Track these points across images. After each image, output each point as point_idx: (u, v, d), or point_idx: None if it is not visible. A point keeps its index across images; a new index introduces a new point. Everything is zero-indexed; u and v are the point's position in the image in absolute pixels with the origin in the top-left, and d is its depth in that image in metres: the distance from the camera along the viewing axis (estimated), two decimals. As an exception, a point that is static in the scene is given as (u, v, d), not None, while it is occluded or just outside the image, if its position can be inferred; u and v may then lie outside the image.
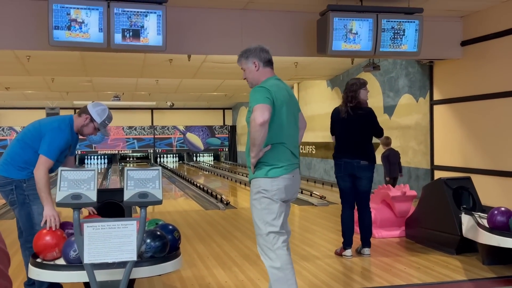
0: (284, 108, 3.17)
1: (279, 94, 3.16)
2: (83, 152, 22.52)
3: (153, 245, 3.20)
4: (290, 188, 3.19)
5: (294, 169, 3.23)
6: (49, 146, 3.48)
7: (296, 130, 3.30)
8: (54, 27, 5.28)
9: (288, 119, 3.19)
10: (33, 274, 3.16)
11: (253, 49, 3.28)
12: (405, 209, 5.97)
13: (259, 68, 3.26)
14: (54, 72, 11.79)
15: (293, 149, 3.23)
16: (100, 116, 3.72)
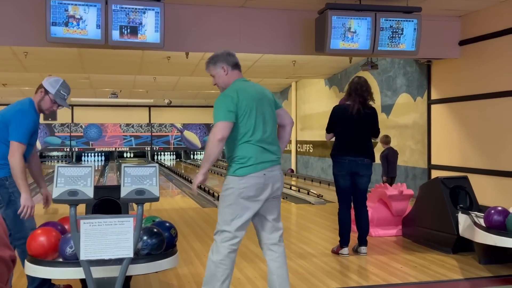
0: (254, 107, 3.21)
1: (246, 94, 3.21)
2: (80, 149, 22.48)
3: (150, 242, 3.20)
4: (262, 186, 3.17)
5: (268, 166, 3.20)
6: (18, 130, 3.36)
7: (270, 127, 3.28)
8: (52, 23, 5.26)
9: (258, 118, 3.21)
10: (29, 270, 3.16)
11: (220, 54, 3.35)
12: (402, 208, 5.98)
13: (228, 72, 3.32)
14: (52, 69, 11.75)
15: (267, 146, 3.22)
16: (53, 86, 3.53)
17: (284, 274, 3.32)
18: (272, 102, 3.36)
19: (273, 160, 3.24)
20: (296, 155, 16.28)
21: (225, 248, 3.19)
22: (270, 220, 3.31)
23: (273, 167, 3.23)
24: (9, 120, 3.40)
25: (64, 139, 22.24)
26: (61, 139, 22.20)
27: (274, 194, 3.27)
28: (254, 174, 3.15)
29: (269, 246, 3.33)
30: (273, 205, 3.30)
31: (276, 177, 3.25)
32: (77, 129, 22.34)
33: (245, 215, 3.18)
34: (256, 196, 3.17)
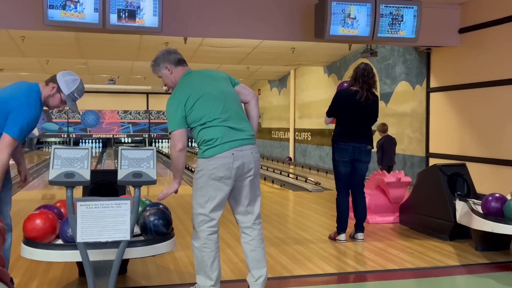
0: (203, 93, 3.20)
1: (191, 86, 3.23)
2: (77, 136, 22.45)
3: (156, 222, 3.25)
4: (231, 166, 3.14)
5: (237, 145, 3.16)
6: (16, 125, 3.05)
7: (232, 105, 3.24)
8: (49, 6, 5.21)
9: (212, 100, 3.18)
10: (25, 253, 3.15)
11: (161, 55, 3.36)
12: (400, 195, 5.98)
13: (172, 70, 3.34)
14: (49, 54, 11.69)
15: (233, 125, 3.18)
16: (69, 87, 3.25)
17: (257, 256, 3.32)
18: (228, 82, 3.35)
19: (242, 138, 3.20)
20: (294, 143, 16.27)
21: (203, 232, 3.20)
22: (244, 204, 3.31)
23: (242, 146, 3.18)
24: (9, 110, 3.08)
25: (62, 125, 22.20)
26: (58, 125, 22.16)
27: (247, 175, 3.23)
28: (222, 154, 3.12)
29: (243, 229, 3.35)
30: (246, 187, 3.27)
31: (247, 157, 3.20)
32: (74, 116, 22.28)
33: (218, 196, 3.18)
34: (227, 176, 3.15)
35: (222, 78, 3.36)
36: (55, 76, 3.30)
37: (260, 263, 3.33)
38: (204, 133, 3.17)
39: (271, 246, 4.86)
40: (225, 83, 3.34)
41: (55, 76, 3.30)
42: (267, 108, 19.10)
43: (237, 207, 3.34)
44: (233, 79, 3.42)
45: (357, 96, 4.92)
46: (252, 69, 14.97)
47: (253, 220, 3.33)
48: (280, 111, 17.69)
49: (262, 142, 19.50)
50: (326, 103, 5.21)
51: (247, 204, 3.31)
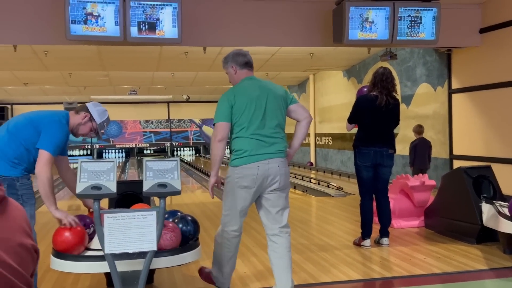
0: (252, 103, 3.38)
1: (244, 92, 3.42)
2: (101, 146, 22.74)
3: (186, 229, 3.30)
4: (256, 177, 3.32)
5: (264, 159, 3.34)
6: (51, 140, 3.19)
7: (273, 122, 3.42)
8: (71, 21, 5.32)
9: (256, 113, 3.37)
10: (55, 265, 3.21)
11: (231, 55, 3.61)
12: (424, 199, 5.92)
13: (236, 71, 3.58)
14: (72, 67, 11.89)
15: (264, 139, 3.37)
16: (101, 117, 3.48)
17: (283, 265, 3.41)
18: (281, 98, 3.50)
19: (270, 153, 3.37)
20: (315, 148, 16.22)
21: (227, 233, 3.47)
22: (272, 213, 3.44)
23: (269, 159, 3.35)
24: (42, 127, 3.22)
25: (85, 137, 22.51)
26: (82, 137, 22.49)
27: (274, 187, 3.39)
28: (248, 165, 3.33)
29: (270, 236, 3.46)
30: (273, 198, 3.42)
31: (273, 170, 3.36)
32: (97, 126, 22.57)
33: (240, 204, 3.40)
34: (250, 186, 3.35)
35: (278, 95, 3.50)
36: (85, 106, 3.50)
37: (285, 272, 3.40)
38: (236, 142, 3.39)
39: (296, 253, 4.86)
40: (278, 100, 3.48)
41: (85, 106, 3.50)
42: (287, 114, 19.08)
43: (264, 215, 3.49)
44: (290, 97, 3.58)
45: (377, 101, 4.90)
46: (271, 75, 14.99)
47: (279, 228, 3.45)
48: (300, 116, 17.64)
49: (283, 147, 19.48)
50: (346, 107, 5.22)
51: (275, 213, 3.45)
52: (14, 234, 1.04)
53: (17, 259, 1.01)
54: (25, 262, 1.03)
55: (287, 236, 3.45)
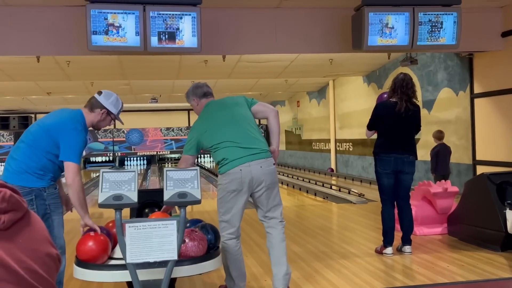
0: (217, 120, 3.72)
1: (207, 115, 3.78)
2: (122, 154, 22.98)
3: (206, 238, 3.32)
4: (241, 180, 3.57)
5: (244, 162, 3.58)
6: (72, 151, 3.27)
7: (244, 127, 3.70)
8: (92, 32, 5.40)
9: (225, 126, 3.68)
10: (77, 274, 3.25)
11: (190, 90, 3.93)
12: (447, 206, 5.84)
13: (198, 102, 3.89)
14: (93, 76, 12.07)
15: (242, 145, 3.62)
16: (116, 107, 3.54)
17: (278, 253, 3.74)
18: (243, 105, 3.81)
19: (249, 154, 3.60)
20: (336, 154, 16.14)
21: (223, 237, 3.64)
22: (264, 211, 3.74)
23: (250, 162, 3.59)
24: (59, 137, 3.27)
25: (107, 145, 22.79)
26: (104, 145, 22.76)
27: (260, 187, 3.63)
28: (231, 171, 3.59)
29: (267, 228, 3.80)
30: (263, 197, 3.69)
31: (256, 171, 3.59)
32: (119, 134, 22.85)
33: (234, 207, 3.64)
34: (239, 189, 3.59)
35: (236, 104, 3.82)
36: (97, 101, 3.49)
37: (280, 260, 3.73)
38: (218, 154, 3.68)
39: (316, 261, 4.83)
40: (238, 108, 3.79)
41: (97, 101, 3.49)
42: (307, 120, 19.05)
43: (259, 212, 3.80)
44: (250, 101, 3.86)
45: (397, 108, 4.86)
46: (290, 81, 15.00)
47: (275, 221, 3.76)
48: (320, 122, 17.61)
49: (303, 154, 19.44)
50: (366, 113, 5.18)
51: (267, 211, 3.74)
52: (41, 245, 1.10)
53: (45, 267, 1.07)
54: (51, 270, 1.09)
55: (281, 228, 3.75)
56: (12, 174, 3.24)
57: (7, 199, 1.08)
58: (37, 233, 1.12)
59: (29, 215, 1.15)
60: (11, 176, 3.21)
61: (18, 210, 1.09)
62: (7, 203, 1.07)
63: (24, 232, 1.08)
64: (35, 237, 1.10)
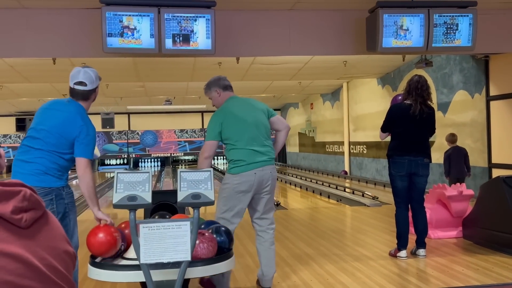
0: (239, 119, 3.83)
1: (232, 110, 3.88)
2: (137, 156, 23.12)
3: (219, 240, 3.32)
4: (253, 183, 3.75)
5: (259, 166, 3.78)
6: (87, 147, 3.34)
7: (260, 132, 3.88)
8: (108, 34, 5.45)
9: (245, 126, 3.82)
10: (92, 274, 3.27)
11: (213, 80, 4.03)
12: (462, 209, 5.79)
13: (220, 93, 3.97)
14: (108, 78, 12.15)
15: (257, 149, 3.81)
16: (97, 79, 3.72)
17: (269, 256, 3.93)
18: (263, 112, 3.97)
19: (263, 160, 3.82)
20: (350, 156, 16.08)
21: None
22: (261, 212, 3.92)
23: (263, 167, 3.81)
24: (73, 134, 3.32)
25: (122, 146, 22.95)
26: (119, 146, 22.93)
27: (264, 190, 3.84)
28: (246, 173, 3.75)
29: (259, 232, 3.96)
30: (263, 200, 3.89)
31: (266, 176, 3.82)
32: (133, 136, 23.00)
33: (238, 206, 3.80)
34: (247, 191, 3.77)
35: (260, 109, 3.98)
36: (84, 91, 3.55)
37: (270, 262, 3.93)
38: (233, 153, 3.80)
39: (329, 264, 4.82)
40: (261, 114, 3.95)
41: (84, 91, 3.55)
42: (320, 122, 19.00)
43: (254, 214, 3.95)
44: (270, 111, 4.05)
45: (411, 110, 4.83)
46: (304, 83, 14.97)
47: (267, 225, 3.95)
48: (333, 124, 17.56)
49: (317, 156, 19.38)
50: (381, 115, 5.16)
51: (262, 213, 3.93)
52: (59, 242, 1.14)
53: (64, 264, 1.11)
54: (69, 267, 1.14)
55: (272, 232, 3.97)
56: (28, 176, 3.24)
57: (28, 198, 1.12)
58: (55, 232, 1.16)
59: (47, 214, 1.19)
60: (27, 178, 3.21)
61: (37, 209, 1.13)
62: (28, 201, 1.11)
63: (43, 231, 1.12)
64: (54, 235, 1.14)
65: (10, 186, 1.11)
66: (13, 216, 1.06)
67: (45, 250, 1.08)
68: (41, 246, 1.08)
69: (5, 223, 1.06)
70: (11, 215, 1.06)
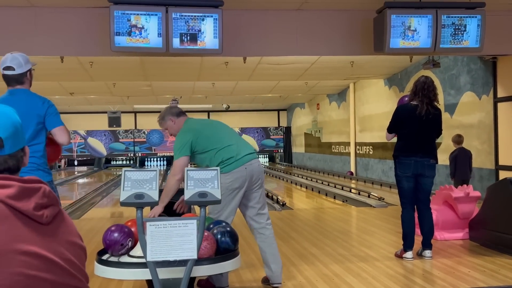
0: (209, 127, 4.04)
1: (197, 122, 4.07)
2: (143, 154, 23.18)
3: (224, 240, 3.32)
4: (245, 178, 3.80)
5: (248, 160, 3.84)
6: (59, 119, 3.60)
7: (234, 132, 4.16)
8: (116, 33, 5.46)
9: (218, 131, 3.98)
10: (98, 271, 3.29)
11: (164, 111, 4.09)
12: (469, 211, 5.77)
13: (175, 121, 4.01)
14: (116, 77, 12.21)
15: (243, 146, 3.94)
16: (26, 64, 3.61)
17: (273, 251, 3.95)
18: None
19: (250, 153, 3.90)
20: (356, 157, 16.05)
21: None
22: (256, 208, 3.93)
23: (252, 160, 3.87)
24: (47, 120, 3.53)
25: (128, 145, 23.03)
26: (125, 145, 23.00)
27: (256, 185, 3.89)
28: (237, 169, 3.79)
29: (258, 230, 3.96)
30: (257, 195, 3.92)
31: (256, 169, 3.88)
32: (140, 135, 23.07)
33: (232, 204, 3.82)
34: (241, 187, 3.81)
35: (218, 122, 4.24)
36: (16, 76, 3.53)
37: (276, 257, 3.95)
38: (220, 154, 3.82)
39: (335, 264, 4.81)
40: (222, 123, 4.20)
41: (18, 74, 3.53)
42: (327, 122, 18.98)
43: (250, 211, 3.95)
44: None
45: (417, 111, 4.83)
46: (310, 84, 14.96)
47: (265, 220, 3.97)
48: (340, 125, 17.53)
49: (322, 156, 19.36)
50: (387, 116, 5.15)
51: (259, 209, 3.94)
52: (74, 238, 1.22)
53: (78, 258, 1.21)
54: (83, 260, 1.23)
55: (271, 228, 3.99)
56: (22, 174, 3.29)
57: (47, 194, 1.17)
58: (71, 227, 1.23)
59: (62, 210, 1.23)
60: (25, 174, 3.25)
61: (56, 205, 1.20)
62: (47, 198, 1.17)
63: (61, 227, 1.19)
64: (70, 231, 1.21)
65: (30, 183, 1.14)
66: (35, 212, 1.12)
67: (63, 246, 1.15)
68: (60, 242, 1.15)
69: (28, 220, 1.12)
70: (33, 211, 1.12)
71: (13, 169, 1.21)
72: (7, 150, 1.19)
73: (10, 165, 1.20)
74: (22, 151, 1.24)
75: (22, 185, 1.13)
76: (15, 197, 1.10)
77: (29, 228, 1.10)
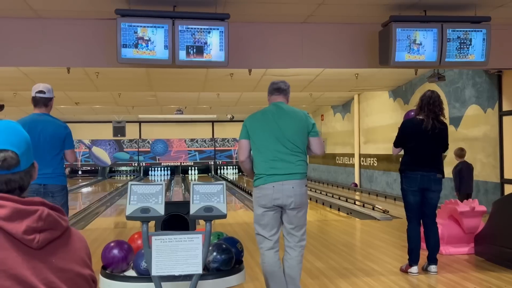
0: (266, 129, 3.77)
1: (260, 118, 3.88)
2: (147, 164, 23.21)
3: (219, 258, 3.25)
4: (272, 197, 3.65)
5: (278, 180, 3.65)
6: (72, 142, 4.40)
7: (287, 145, 3.71)
8: (122, 45, 5.49)
9: (270, 137, 3.72)
10: (103, 285, 3.28)
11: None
12: (474, 225, 5.73)
13: (269, 99, 4.04)
14: (121, 88, 12.26)
15: (279, 163, 3.67)
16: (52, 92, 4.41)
17: (293, 274, 3.77)
18: (301, 124, 3.79)
19: (285, 174, 3.67)
20: (360, 169, 16.02)
21: (261, 249, 3.77)
22: (287, 229, 3.78)
23: (284, 181, 3.66)
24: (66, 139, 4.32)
25: (132, 154, 23.06)
26: (129, 155, 23.04)
27: (290, 206, 3.69)
28: (264, 186, 3.68)
29: (286, 248, 3.84)
30: (290, 216, 3.74)
31: (287, 191, 3.65)
32: (144, 145, 23.11)
33: (264, 219, 3.72)
34: (268, 204, 3.67)
35: (299, 121, 3.80)
36: (41, 98, 4.32)
37: (294, 281, 3.78)
38: (256, 165, 3.79)
39: (339, 278, 4.79)
40: (299, 126, 3.78)
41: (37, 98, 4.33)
42: (331, 134, 18.98)
43: (284, 228, 3.84)
44: (311, 128, 3.82)
45: (423, 125, 4.83)
46: (315, 95, 14.99)
47: (296, 242, 3.78)
48: (344, 136, 17.53)
49: (326, 168, 19.33)
50: (392, 128, 5.16)
51: (289, 229, 3.78)
52: (74, 265, 1.13)
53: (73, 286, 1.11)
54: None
55: (300, 250, 3.79)
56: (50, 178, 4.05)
57: (44, 218, 1.10)
58: (73, 253, 1.15)
59: (69, 233, 1.17)
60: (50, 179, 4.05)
61: (55, 229, 1.12)
62: (43, 222, 1.10)
63: (59, 252, 1.12)
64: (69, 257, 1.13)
65: (28, 204, 1.10)
66: (24, 236, 1.07)
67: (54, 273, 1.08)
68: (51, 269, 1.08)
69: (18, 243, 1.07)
70: (22, 235, 1.06)
71: (26, 186, 1.18)
72: (23, 166, 1.16)
73: (25, 182, 1.17)
74: (33, 166, 1.22)
75: (17, 207, 1.08)
76: (6, 218, 1.06)
77: (18, 252, 1.05)
